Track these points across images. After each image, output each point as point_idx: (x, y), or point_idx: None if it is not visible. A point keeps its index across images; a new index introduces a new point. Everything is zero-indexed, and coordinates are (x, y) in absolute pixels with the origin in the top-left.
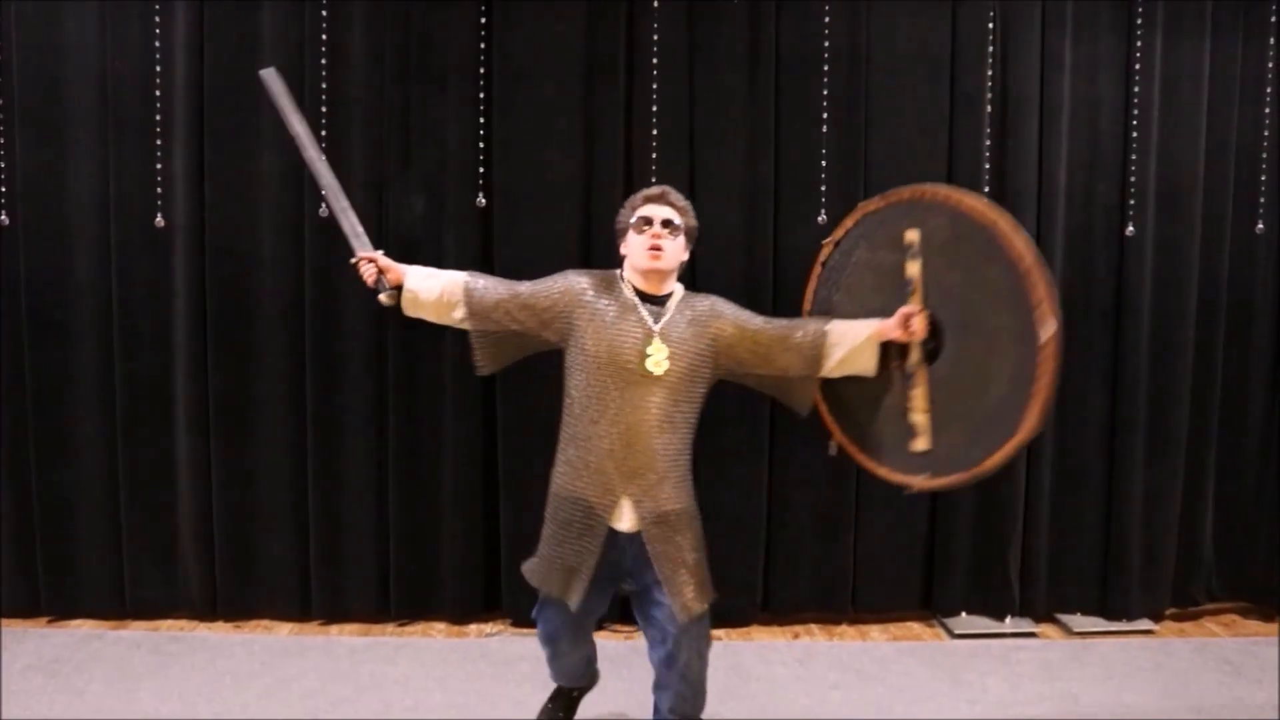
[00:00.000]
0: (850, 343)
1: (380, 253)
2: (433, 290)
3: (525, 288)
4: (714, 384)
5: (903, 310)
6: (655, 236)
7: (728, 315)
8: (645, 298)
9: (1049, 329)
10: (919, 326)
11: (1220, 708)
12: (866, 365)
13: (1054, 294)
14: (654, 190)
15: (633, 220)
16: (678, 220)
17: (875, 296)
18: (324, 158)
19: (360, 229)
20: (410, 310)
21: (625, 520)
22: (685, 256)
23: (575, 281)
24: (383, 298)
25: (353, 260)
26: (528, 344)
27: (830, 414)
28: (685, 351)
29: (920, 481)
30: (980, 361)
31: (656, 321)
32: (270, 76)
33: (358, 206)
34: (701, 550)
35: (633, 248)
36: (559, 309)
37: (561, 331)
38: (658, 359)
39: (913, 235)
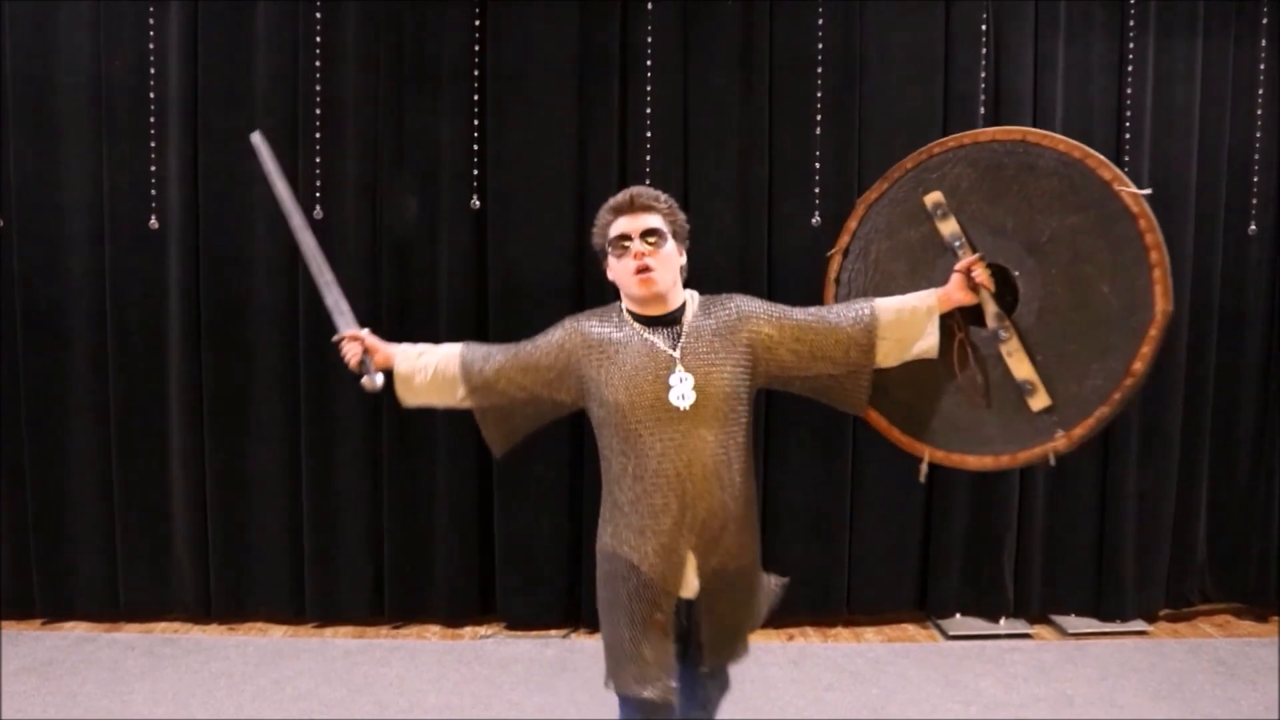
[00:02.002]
0: (906, 318)
1: (366, 331)
2: (426, 371)
3: (525, 347)
4: (756, 396)
5: (958, 267)
6: (639, 257)
7: (759, 314)
8: (653, 321)
9: (1138, 192)
10: (984, 276)
11: (1214, 708)
12: (929, 344)
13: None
14: (620, 199)
15: (609, 240)
16: (661, 225)
17: (914, 280)
18: (309, 228)
19: (345, 305)
20: (407, 399)
21: (690, 585)
22: (683, 260)
23: (574, 327)
24: (366, 382)
25: (335, 339)
26: (543, 412)
27: (909, 434)
28: (717, 369)
29: (1060, 443)
30: (1069, 273)
31: (674, 345)
32: (259, 142)
33: (352, 209)
34: (755, 608)
35: (619, 275)
36: (564, 364)
37: (574, 389)
38: (681, 390)
39: (933, 197)
